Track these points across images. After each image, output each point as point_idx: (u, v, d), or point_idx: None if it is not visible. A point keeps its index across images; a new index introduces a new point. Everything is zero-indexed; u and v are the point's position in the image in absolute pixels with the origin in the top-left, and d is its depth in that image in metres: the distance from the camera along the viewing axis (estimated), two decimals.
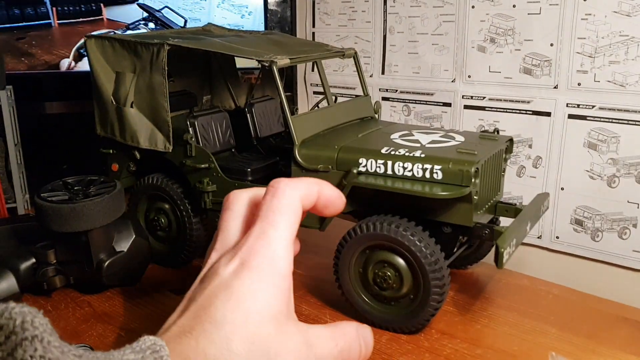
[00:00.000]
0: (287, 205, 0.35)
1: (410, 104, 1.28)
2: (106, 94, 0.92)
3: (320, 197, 0.38)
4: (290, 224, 0.35)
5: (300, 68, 1.47)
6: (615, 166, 1.01)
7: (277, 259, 0.33)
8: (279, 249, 0.34)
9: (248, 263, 0.33)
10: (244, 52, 0.84)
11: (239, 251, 0.34)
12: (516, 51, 1.09)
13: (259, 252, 0.33)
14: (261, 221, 0.35)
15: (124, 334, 0.75)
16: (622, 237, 1.02)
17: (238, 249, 0.34)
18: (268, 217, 0.35)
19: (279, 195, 0.35)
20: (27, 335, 0.26)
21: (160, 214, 0.94)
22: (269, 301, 0.32)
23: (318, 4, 1.40)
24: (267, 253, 0.33)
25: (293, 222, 0.35)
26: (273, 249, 0.33)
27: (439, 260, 0.70)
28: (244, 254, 0.33)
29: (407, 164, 0.73)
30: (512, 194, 1.14)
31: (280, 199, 0.35)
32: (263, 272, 0.33)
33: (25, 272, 0.80)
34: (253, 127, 1.02)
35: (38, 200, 0.77)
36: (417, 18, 1.22)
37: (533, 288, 0.88)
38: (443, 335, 0.74)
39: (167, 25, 1.27)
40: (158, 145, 0.89)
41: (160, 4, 1.27)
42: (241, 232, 0.37)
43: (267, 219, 0.35)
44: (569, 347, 0.72)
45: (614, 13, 0.97)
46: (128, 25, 1.27)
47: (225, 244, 0.37)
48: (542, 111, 1.08)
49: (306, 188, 0.37)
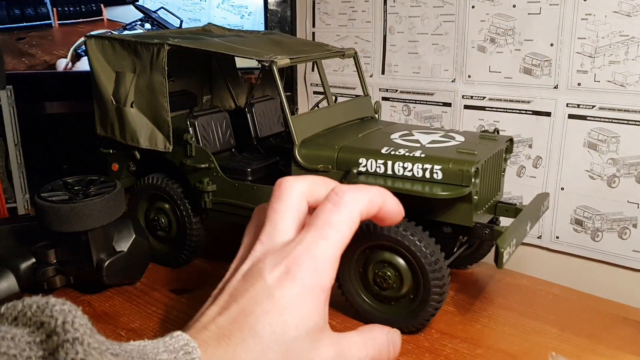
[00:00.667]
0: (346, 220, 0.34)
1: (410, 104, 1.28)
2: (106, 94, 0.92)
3: (381, 209, 0.37)
4: (343, 239, 0.34)
5: (300, 68, 1.47)
6: (615, 166, 1.00)
7: (322, 274, 0.33)
8: (326, 264, 0.33)
9: (293, 273, 0.32)
10: (244, 52, 0.84)
11: (286, 258, 0.33)
12: (516, 51, 1.09)
13: (306, 263, 0.33)
14: (315, 230, 0.34)
15: (124, 334, 0.75)
16: (622, 237, 1.02)
17: (286, 254, 0.33)
18: (323, 228, 0.34)
19: (339, 207, 0.34)
20: (69, 337, 0.26)
21: (160, 214, 0.94)
22: (308, 315, 0.32)
23: (318, 4, 1.40)
24: (314, 266, 0.33)
25: (347, 237, 0.34)
26: (320, 262, 0.33)
27: (439, 260, 0.70)
28: (291, 262, 0.33)
29: (407, 164, 0.73)
30: (512, 194, 1.14)
31: (341, 211, 0.34)
32: (306, 286, 0.32)
33: (25, 272, 0.80)
34: (253, 127, 1.02)
35: (38, 200, 0.77)
36: (417, 18, 1.22)
37: (533, 288, 0.88)
38: (443, 335, 0.74)
39: (163, 26, 1.28)
40: (158, 145, 0.89)
41: (158, 4, 1.27)
42: (291, 229, 0.36)
43: (322, 230, 0.34)
44: (569, 347, 0.72)
45: (614, 13, 0.97)
46: (125, 26, 1.27)
47: (272, 239, 0.35)
48: (542, 111, 1.08)
49: (370, 201, 0.35)
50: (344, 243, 0.34)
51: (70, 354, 0.25)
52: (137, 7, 1.26)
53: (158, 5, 1.27)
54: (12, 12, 1.23)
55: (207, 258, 0.97)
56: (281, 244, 0.35)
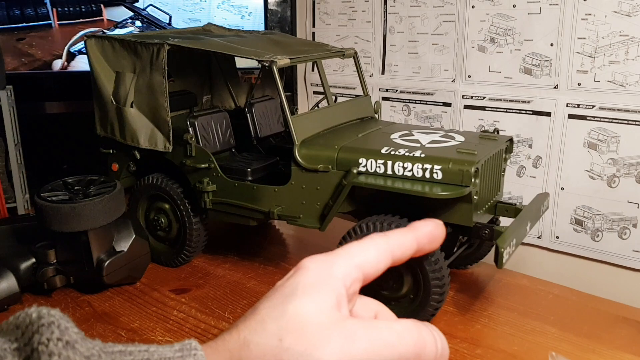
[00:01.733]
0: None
1: (410, 104, 1.28)
2: (106, 94, 0.92)
3: (419, 241, 0.37)
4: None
5: (300, 68, 1.47)
6: (615, 166, 1.00)
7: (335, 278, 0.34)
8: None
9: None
10: (244, 52, 0.84)
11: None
12: (516, 51, 1.09)
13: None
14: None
15: (124, 334, 0.75)
16: (622, 237, 1.02)
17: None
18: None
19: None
20: (44, 322, 0.27)
21: (160, 214, 0.94)
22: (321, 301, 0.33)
23: (318, 4, 1.40)
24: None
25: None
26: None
27: (439, 260, 0.70)
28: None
29: (407, 163, 0.73)
30: (512, 194, 1.14)
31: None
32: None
33: (25, 272, 0.80)
34: (253, 127, 1.02)
35: (38, 200, 0.77)
36: (417, 18, 1.22)
37: (533, 288, 0.88)
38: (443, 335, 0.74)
39: (153, 22, 1.28)
40: (158, 145, 0.89)
41: (150, 2, 1.28)
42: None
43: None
44: (569, 347, 0.72)
45: (614, 13, 0.97)
46: (117, 24, 1.28)
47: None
48: (542, 111, 1.08)
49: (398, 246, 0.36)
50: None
51: (45, 335, 0.26)
52: (126, 6, 1.27)
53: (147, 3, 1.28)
54: (12, 13, 1.23)
55: (207, 258, 0.97)
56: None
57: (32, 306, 0.28)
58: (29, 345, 0.26)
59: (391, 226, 0.71)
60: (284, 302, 0.32)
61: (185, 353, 0.30)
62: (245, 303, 0.83)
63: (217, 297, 0.85)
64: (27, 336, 0.26)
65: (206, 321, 0.78)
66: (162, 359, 0.29)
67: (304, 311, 0.32)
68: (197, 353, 0.30)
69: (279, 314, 0.32)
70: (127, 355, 0.29)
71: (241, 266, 0.95)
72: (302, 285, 0.33)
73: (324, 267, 0.34)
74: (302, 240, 1.09)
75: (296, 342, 0.30)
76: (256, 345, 0.31)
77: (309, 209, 0.80)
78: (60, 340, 0.26)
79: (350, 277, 0.34)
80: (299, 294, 0.32)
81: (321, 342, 0.31)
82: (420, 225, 0.38)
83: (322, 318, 0.32)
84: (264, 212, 0.84)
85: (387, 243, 0.36)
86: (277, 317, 0.32)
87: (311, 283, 0.33)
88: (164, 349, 0.30)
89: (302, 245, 1.07)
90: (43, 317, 0.27)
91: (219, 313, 0.80)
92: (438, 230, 0.38)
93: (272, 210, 0.82)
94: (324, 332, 0.31)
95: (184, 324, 0.77)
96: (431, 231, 0.38)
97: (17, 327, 0.27)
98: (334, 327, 0.31)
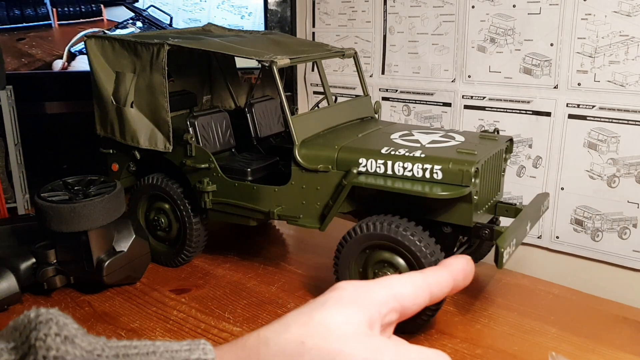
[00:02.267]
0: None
1: (410, 104, 1.28)
2: (106, 94, 0.92)
3: (455, 278, 0.37)
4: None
5: (300, 68, 1.47)
6: (615, 166, 1.00)
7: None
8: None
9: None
10: (244, 52, 0.84)
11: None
12: (516, 51, 1.09)
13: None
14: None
15: (124, 334, 0.75)
16: (622, 237, 1.02)
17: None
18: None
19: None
20: (41, 320, 0.26)
21: (160, 214, 0.94)
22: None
23: (318, 4, 1.40)
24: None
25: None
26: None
27: (439, 260, 0.70)
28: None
29: (407, 164, 0.73)
30: (512, 194, 1.14)
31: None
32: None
33: (25, 272, 0.80)
34: (253, 127, 1.02)
35: (38, 200, 0.77)
36: (417, 18, 1.22)
37: (533, 288, 0.88)
38: (443, 335, 0.74)
39: (154, 23, 1.28)
40: (158, 145, 0.89)
41: (150, 3, 1.28)
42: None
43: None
44: (569, 347, 0.72)
45: (614, 13, 0.97)
46: (117, 25, 1.28)
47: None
48: (542, 111, 1.08)
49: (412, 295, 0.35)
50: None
51: (42, 331, 0.26)
52: (128, 7, 1.27)
53: (148, 3, 1.28)
54: (12, 13, 1.23)
55: (207, 258, 0.97)
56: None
57: (32, 308, 0.28)
58: (27, 343, 0.26)
59: (391, 226, 0.71)
60: (312, 311, 0.32)
61: (194, 347, 0.30)
62: (245, 303, 0.83)
63: (217, 297, 0.85)
64: (25, 334, 0.26)
65: (206, 321, 0.78)
66: (167, 350, 0.29)
67: (331, 321, 0.31)
68: (205, 347, 0.30)
69: (305, 321, 0.31)
70: (132, 348, 0.28)
71: (241, 266, 0.95)
72: (334, 300, 0.32)
73: (361, 290, 0.33)
74: (302, 240, 1.09)
75: (319, 347, 0.30)
76: (276, 344, 0.30)
77: (309, 209, 0.80)
78: (59, 335, 0.26)
79: (387, 305, 0.33)
80: (329, 306, 0.32)
81: (345, 351, 0.30)
82: (453, 262, 0.38)
83: (349, 330, 0.31)
84: (264, 212, 0.84)
85: (424, 280, 0.36)
86: (302, 323, 0.31)
87: (345, 299, 0.32)
88: (171, 343, 0.30)
89: (302, 245, 1.07)
90: (41, 315, 0.27)
91: (219, 313, 0.80)
92: (470, 266, 0.38)
93: (272, 210, 0.82)
94: (349, 342, 0.30)
95: (184, 324, 0.77)
96: (464, 267, 0.38)
97: (15, 329, 0.27)
98: (361, 339, 0.30)
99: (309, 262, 0.96)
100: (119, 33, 1.26)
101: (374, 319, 0.32)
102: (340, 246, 0.76)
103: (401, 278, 0.35)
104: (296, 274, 0.92)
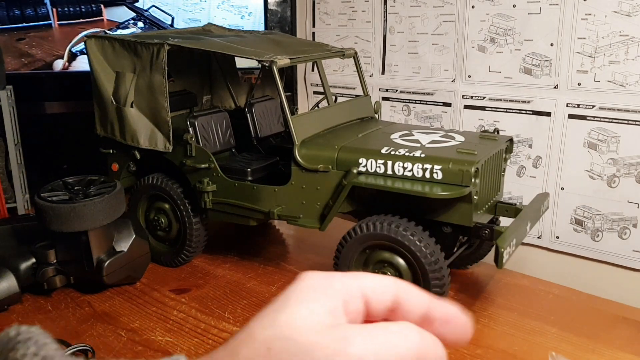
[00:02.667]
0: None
1: (410, 104, 1.28)
2: (106, 94, 0.92)
3: (430, 298, 0.34)
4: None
5: (300, 68, 1.47)
6: (615, 166, 1.00)
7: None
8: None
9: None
10: (244, 52, 0.84)
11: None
12: (516, 51, 1.09)
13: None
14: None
15: (124, 334, 0.75)
16: (622, 237, 1.02)
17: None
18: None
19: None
20: (20, 339, 0.26)
21: (160, 214, 0.94)
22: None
23: (318, 4, 1.40)
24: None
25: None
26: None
27: (439, 260, 0.70)
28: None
29: (407, 164, 0.73)
30: (512, 194, 1.14)
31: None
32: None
33: (25, 272, 0.80)
34: (253, 127, 1.02)
35: (38, 200, 0.77)
36: (417, 18, 1.22)
37: (533, 288, 0.88)
38: None
39: (155, 23, 1.28)
40: (158, 145, 0.89)
41: (151, 3, 1.28)
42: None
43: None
44: (569, 347, 0.72)
45: (614, 13, 0.97)
46: (119, 25, 1.28)
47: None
48: (542, 111, 1.08)
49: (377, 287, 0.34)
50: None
51: (20, 351, 0.26)
52: (129, 7, 1.27)
53: (149, 4, 1.28)
54: (12, 13, 1.23)
55: (207, 258, 0.97)
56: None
57: (13, 325, 0.27)
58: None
59: (391, 226, 0.71)
60: (274, 312, 0.31)
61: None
62: (245, 303, 0.83)
63: (217, 297, 0.85)
64: (4, 356, 0.26)
65: (206, 321, 0.78)
66: None
67: (295, 317, 0.31)
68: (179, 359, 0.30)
69: (268, 323, 0.31)
70: None
71: (241, 266, 0.95)
72: (295, 294, 0.32)
73: (321, 278, 0.33)
74: (302, 240, 1.09)
75: (287, 350, 0.29)
76: (244, 356, 0.30)
77: (309, 209, 0.80)
78: (37, 355, 0.26)
79: (350, 293, 0.33)
80: (291, 303, 0.32)
81: (312, 348, 0.29)
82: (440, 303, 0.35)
83: (314, 324, 0.30)
84: (264, 212, 0.84)
85: (394, 282, 0.34)
86: (266, 326, 0.31)
87: (306, 291, 0.32)
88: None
89: (302, 245, 1.07)
90: (21, 333, 0.26)
91: (219, 313, 0.80)
92: (463, 318, 0.36)
93: (272, 210, 0.82)
94: (315, 336, 0.30)
95: (184, 324, 0.77)
96: (452, 311, 0.35)
97: None
98: (326, 331, 0.30)
99: (309, 262, 0.96)
100: (121, 33, 1.26)
101: (338, 307, 0.32)
102: (340, 246, 0.76)
103: (371, 274, 0.35)
104: (296, 274, 0.92)
